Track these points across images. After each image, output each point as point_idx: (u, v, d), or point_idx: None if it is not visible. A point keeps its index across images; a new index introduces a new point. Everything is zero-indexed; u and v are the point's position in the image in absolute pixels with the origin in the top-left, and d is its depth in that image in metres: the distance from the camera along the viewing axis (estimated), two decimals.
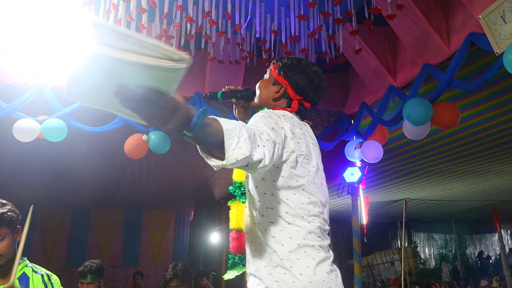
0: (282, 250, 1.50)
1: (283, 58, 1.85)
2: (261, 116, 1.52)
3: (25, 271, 2.21)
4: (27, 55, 4.42)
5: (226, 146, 1.21)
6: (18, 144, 4.75)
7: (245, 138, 1.23)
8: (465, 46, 3.51)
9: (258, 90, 1.84)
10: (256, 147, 1.27)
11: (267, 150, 1.32)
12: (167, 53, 0.94)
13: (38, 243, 11.57)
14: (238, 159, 1.21)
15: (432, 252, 15.39)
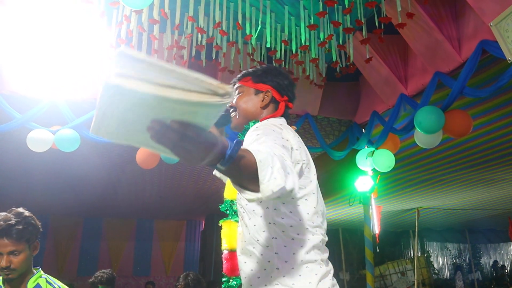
0: (286, 267, 1.42)
1: (247, 71, 1.80)
2: (264, 132, 1.43)
3: (39, 282, 2.20)
4: (41, 67, 4.48)
5: (261, 178, 1.12)
6: (32, 154, 4.80)
7: (278, 167, 1.15)
8: (477, 54, 3.49)
9: (240, 106, 1.74)
10: (287, 175, 1.17)
11: (295, 175, 1.23)
12: (212, 87, 0.88)
13: (50, 253, 11.64)
14: (274, 190, 1.12)
15: (446, 261, 15.18)
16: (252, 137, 1.43)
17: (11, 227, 2.06)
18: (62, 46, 4.25)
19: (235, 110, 1.74)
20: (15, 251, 2.07)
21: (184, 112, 0.90)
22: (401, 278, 13.17)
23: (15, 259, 2.07)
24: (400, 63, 4.48)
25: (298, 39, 3.96)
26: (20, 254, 2.09)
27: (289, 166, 1.21)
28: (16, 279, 2.10)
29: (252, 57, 4.12)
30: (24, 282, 2.14)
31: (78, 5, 3.46)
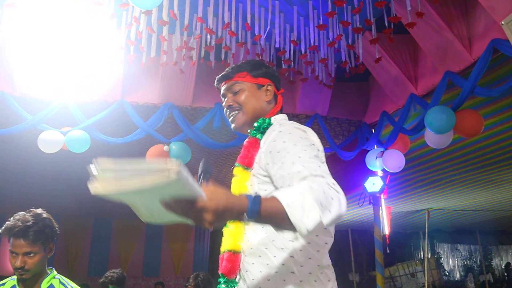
0: (302, 271, 1.39)
1: (239, 66, 1.68)
2: (291, 140, 1.40)
3: (52, 282, 2.20)
4: (51, 69, 4.52)
5: (293, 221, 1.13)
6: (42, 156, 4.84)
7: (310, 204, 1.14)
8: (488, 53, 3.47)
9: (246, 104, 1.63)
10: (329, 204, 1.17)
11: (341, 195, 1.22)
12: (158, 169, 0.98)
13: (61, 254, 11.71)
14: (309, 229, 1.13)
15: (457, 263, 15.05)
16: (278, 144, 1.40)
17: (28, 229, 2.06)
18: (72, 48, 4.28)
19: (239, 109, 1.64)
20: (30, 252, 2.07)
21: (160, 193, 1.03)
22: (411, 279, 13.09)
23: (29, 260, 2.07)
24: (410, 63, 4.45)
25: (307, 39, 3.95)
26: (35, 256, 2.08)
27: (332, 188, 1.22)
28: (30, 279, 2.11)
29: (261, 57, 4.11)
30: (38, 282, 2.15)
31: (88, 7, 3.48)
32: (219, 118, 4.85)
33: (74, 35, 4.10)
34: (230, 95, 1.66)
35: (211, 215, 1.07)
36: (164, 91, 4.85)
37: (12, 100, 4.47)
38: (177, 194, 1.04)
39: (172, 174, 0.96)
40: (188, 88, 4.85)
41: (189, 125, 4.79)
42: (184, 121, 4.80)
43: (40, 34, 4.12)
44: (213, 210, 1.07)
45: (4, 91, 4.46)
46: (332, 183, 1.25)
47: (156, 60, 4.05)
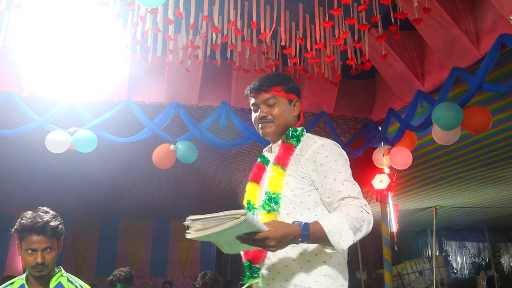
0: (332, 262, 1.66)
1: (272, 79, 1.87)
2: (333, 157, 1.70)
3: (60, 280, 2.23)
4: (58, 69, 4.54)
5: (333, 243, 1.50)
6: (50, 156, 4.87)
7: (346, 231, 1.51)
8: (496, 48, 3.44)
9: (279, 117, 1.83)
10: (361, 227, 1.55)
11: (370, 215, 1.60)
12: (231, 215, 1.38)
13: (69, 253, 11.78)
14: (344, 248, 1.52)
15: (465, 261, 14.96)
16: (322, 157, 1.70)
17: (46, 224, 2.12)
18: (79, 48, 4.30)
19: (272, 121, 1.83)
20: (49, 247, 2.13)
21: (235, 231, 1.44)
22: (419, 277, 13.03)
23: (48, 255, 2.12)
24: (416, 59, 4.43)
25: (313, 37, 3.94)
26: (52, 251, 2.15)
27: (359, 216, 1.55)
28: (45, 276, 2.14)
29: (267, 55, 4.11)
30: (47, 280, 2.17)
31: (94, 7, 3.49)
32: (225, 117, 4.85)
33: (80, 35, 4.11)
34: (264, 106, 1.85)
35: (274, 241, 1.43)
36: (170, 90, 4.86)
37: (20, 100, 4.50)
38: (247, 230, 1.42)
39: (241, 217, 1.35)
40: (194, 87, 4.85)
41: (195, 124, 4.80)
42: (190, 120, 4.80)
43: (46, 35, 4.13)
44: (274, 237, 1.43)
45: (11, 92, 4.49)
46: (364, 205, 1.59)
47: (162, 59, 4.05)
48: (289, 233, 1.46)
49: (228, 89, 5.01)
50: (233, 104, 5.00)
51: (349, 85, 5.27)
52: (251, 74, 4.40)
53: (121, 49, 4.20)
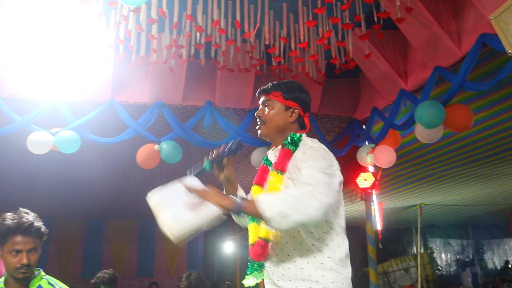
0: (335, 257, 1.76)
1: (277, 84, 2.00)
2: (314, 157, 1.78)
3: (40, 283, 2.20)
4: (40, 69, 4.48)
5: (261, 211, 1.64)
6: (32, 157, 4.80)
7: (278, 202, 1.63)
8: (477, 47, 3.48)
9: (270, 120, 1.96)
10: (299, 207, 1.61)
11: (319, 202, 1.62)
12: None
13: (53, 256, 11.63)
14: (268, 216, 1.62)
15: (449, 258, 15.15)
16: (305, 156, 1.80)
17: (31, 225, 2.11)
18: (61, 47, 4.25)
19: (264, 123, 1.97)
20: (33, 248, 2.11)
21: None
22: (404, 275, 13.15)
23: (32, 256, 2.11)
24: (399, 59, 4.46)
25: (297, 36, 3.95)
26: (36, 252, 2.13)
27: (302, 198, 1.63)
28: (28, 278, 2.11)
29: (251, 55, 4.10)
30: (26, 283, 2.14)
31: (76, 6, 3.45)
32: (209, 117, 4.83)
33: (63, 35, 4.07)
34: (262, 107, 2.00)
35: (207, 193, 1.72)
36: (154, 90, 4.82)
37: (1, 101, 4.42)
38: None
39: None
40: (179, 87, 4.83)
41: (179, 124, 4.77)
42: (174, 120, 4.78)
43: (28, 34, 4.08)
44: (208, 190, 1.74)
45: None
46: (319, 193, 1.63)
47: (145, 59, 4.02)
48: (223, 196, 1.73)
49: (213, 89, 5.00)
50: (218, 103, 4.99)
51: (333, 84, 5.30)
52: (235, 74, 4.39)
53: (104, 48, 4.16)
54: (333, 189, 1.72)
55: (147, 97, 4.86)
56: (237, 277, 10.26)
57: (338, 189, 1.78)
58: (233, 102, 5.04)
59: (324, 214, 1.65)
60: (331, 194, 1.68)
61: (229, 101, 5.03)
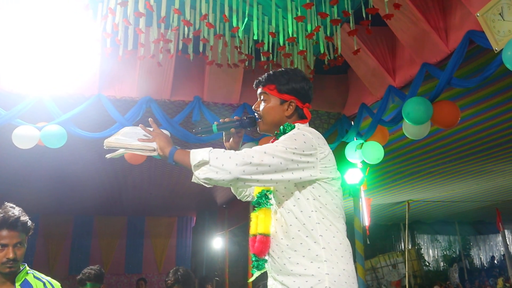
0: (330, 247, 1.72)
1: (272, 76, 1.95)
2: (289, 136, 1.77)
3: (26, 277, 2.20)
4: (26, 62, 4.42)
5: (191, 159, 1.70)
6: (19, 152, 4.74)
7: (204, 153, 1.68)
8: (464, 44, 3.50)
9: (266, 115, 1.94)
10: (223, 159, 1.66)
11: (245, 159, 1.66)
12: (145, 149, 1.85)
13: (41, 252, 11.56)
14: (196, 162, 1.68)
15: (436, 253, 15.31)
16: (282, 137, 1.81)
17: (18, 219, 2.12)
18: (47, 40, 4.19)
19: (261, 118, 1.95)
20: (19, 243, 2.11)
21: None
22: (392, 270, 13.27)
23: (19, 251, 2.11)
24: (388, 55, 4.47)
25: (285, 31, 3.94)
26: (22, 247, 2.13)
27: (219, 155, 1.67)
28: (14, 273, 2.10)
29: (239, 50, 4.08)
30: (12, 278, 2.13)
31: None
32: (198, 112, 4.81)
33: (49, 27, 4.01)
34: (259, 100, 1.98)
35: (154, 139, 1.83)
36: (142, 84, 4.79)
37: None
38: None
39: (154, 152, 1.83)
40: (167, 82, 4.79)
41: (168, 119, 4.74)
42: (162, 115, 4.75)
43: (14, 27, 4.02)
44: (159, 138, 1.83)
45: None
46: (251, 155, 1.66)
47: (133, 53, 3.98)
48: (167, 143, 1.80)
49: (201, 84, 4.97)
50: (206, 98, 4.96)
51: (322, 80, 5.30)
52: (224, 69, 4.37)
53: (91, 42, 4.12)
54: (277, 159, 1.68)
55: (135, 92, 4.82)
56: (226, 273, 10.26)
57: (291, 165, 1.71)
58: (222, 97, 5.02)
59: (245, 174, 1.64)
60: (266, 160, 1.66)
61: (218, 96, 5.01)
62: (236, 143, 2.05)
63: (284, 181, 1.74)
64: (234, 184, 1.71)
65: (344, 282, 1.69)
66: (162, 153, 1.79)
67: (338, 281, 1.68)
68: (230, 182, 1.68)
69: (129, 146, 1.83)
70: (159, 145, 1.80)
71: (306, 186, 1.78)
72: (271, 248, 1.81)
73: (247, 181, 1.68)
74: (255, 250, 1.83)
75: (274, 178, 1.70)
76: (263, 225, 1.82)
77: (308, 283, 1.68)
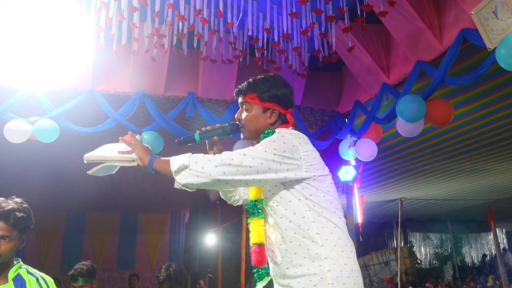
0: (328, 244, 1.72)
1: (252, 84, 1.94)
2: (269, 139, 1.78)
3: (19, 272, 2.18)
4: (18, 56, 4.38)
5: (171, 166, 1.73)
6: (11, 146, 4.71)
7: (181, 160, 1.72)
8: (458, 42, 3.51)
9: (248, 124, 1.94)
10: (200, 163, 1.69)
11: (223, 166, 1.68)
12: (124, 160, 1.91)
13: (33, 247, 11.48)
14: (180, 183, 1.71)
15: (428, 251, 15.40)
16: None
17: (10, 212, 2.08)
18: (41, 34, 4.15)
19: (244, 127, 1.95)
20: (7, 236, 2.07)
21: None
22: (384, 268, 13.33)
23: (4, 245, 2.07)
24: (382, 52, 4.48)
25: (280, 28, 3.93)
26: (10, 242, 2.08)
27: (210, 159, 1.70)
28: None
29: (234, 46, 4.07)
30: (5, 271, 2.12)
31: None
32: (191, 107, 4.80)
33: (42, 21, 3.98)
34: (241, 109, 1.98)
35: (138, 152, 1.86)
36: (135, 79, 4.76)
37: None
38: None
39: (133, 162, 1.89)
40: (160, 77, 4.77)
41: (161, 115, 4.73)
42: (156, 110, 4.73)
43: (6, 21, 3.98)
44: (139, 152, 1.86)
45: None
46: (230, 158, 1.68)
47: (127, 48, 3.96)
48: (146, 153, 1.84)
49: (195, 79, 4.95)
50: (200, 94, 4.95)
51: (316, 77, 5.30)
52: (218, 64, 4.36)
53: (84, 36, 4.09)
54: (258, 160, 1.69)
55: (129, 87, 4.80)
56: (219, 270, 10.26)
57: (273, 165, 1.71)
58: (216, 93, 5.01)
59: (225, 175, 1.66)
60: (246, 161, 1.68)
61: (212, 92, 5.00)
62: (219, 151, 2.02)
63: (268, 181, 1.74)
64: (216, 186, 1.71)
65: (347, 277, 1.69)
66: (141, 163, 1.83)
67: (340, 276, 1.68)
68: (212, 184, 1.69)
69: (109, 159, 1.89)
70: (138, 155, 1.84)
71: (296, 187, 1.78)
72: (274, 255, 1.82)
73: (229, 182, 1.69)
74: (254, 261, 1.85)
75: (257, 178, 1.70)
76: (256, 235, 1.84)
77: (311, 282, 1.69)
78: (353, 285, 1.70)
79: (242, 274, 8.77)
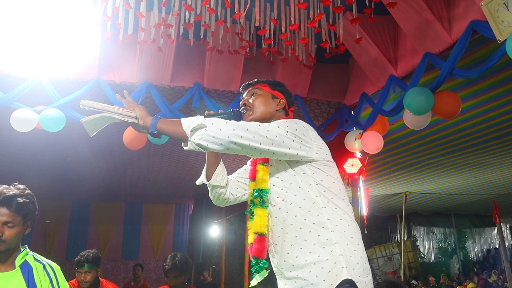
0: (339, 229, 1.73)
1: (263, 79, 2.11)
2: (285, 122, 1.80)
3: (26, 259, 2.19)
4: (25, 45, 4.38)
5: (183, 126, 1.69)
6: (18, 136, 4.72)
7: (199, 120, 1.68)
8: (467, 34, 3.47)
9: (257, 106, 2.00)
10: (218, 124, 1.66)
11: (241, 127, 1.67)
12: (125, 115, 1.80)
13: (38, 237, 11.57)
14: (191, 127, 1.64)
15: (432, 246, 15.39)
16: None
17: (12, 198, 2.08)
18: (47, 24, 4.15)
19: (250, 109, 2.00)
20: (10, 222, 2.07)
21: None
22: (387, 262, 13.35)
23: (7, 231, 2.07)
24: (390, 44, 4.44)
25: (287, 18, 3.89)
26: (14, 228, 2.09)
27: (228, 122, 1.67)
28: (3, 252, 2.07)
29: (241, 36, 4.05)
30: (11, 258, 2.13)
31: None
32: (197, 98, 4.79)
33: (49, 11, 3.97)
34: (247, 97, 2.05)
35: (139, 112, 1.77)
36: (142, 69, 4.75)
37: None
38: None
39: (134, 119, 1.79)
40: (167, 67, 4.76)
41: (167, 105, 4.72)
42: (162, 100, 4.72)
43: (13, 10, 3.98)
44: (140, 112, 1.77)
45: None
46: (245, 125, 1.67)
47: (133, 37, 3.95)
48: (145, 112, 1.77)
49: (201, 70, 4.94)
50: (206, 85, 4.94)
51: (323, 69, 5.27)
52: (224, 55, 4.34)
53: (91, 25, 4.07)
54: (272, 133, 1.70)
55: (135, 77, 4.79)
56: (223, 261, 10.31)
57: (286, 140, 1.73)
58: (222, 84, 4.99)
59: (242, 139, 1.64)
60: (262, 131, 1.67)
61: (218, 83, 4.98)
62: None
63: (281, 155, 1.74)
64: (230, 149, 1.67)
65: (356, 263, 1.71)
66: (143, 122, 1.74)
67: (350, 262, 1.69)
68: (227, 147, 1.65)
69: (108, 109, 1.76)
70: (139, 114, 1.76)
71: (307, 172, 1.80)
72: (278, 247, 1.79)
73: (244, 147, 1.66)
74: (253, 252, 1.81)
75: (272, 149, 1.70)
76: (259, 224, 1.83)
77: (324, 269, 1.67)
78: (362, 271, 1.71)
79: (245, 265, 8.80)
